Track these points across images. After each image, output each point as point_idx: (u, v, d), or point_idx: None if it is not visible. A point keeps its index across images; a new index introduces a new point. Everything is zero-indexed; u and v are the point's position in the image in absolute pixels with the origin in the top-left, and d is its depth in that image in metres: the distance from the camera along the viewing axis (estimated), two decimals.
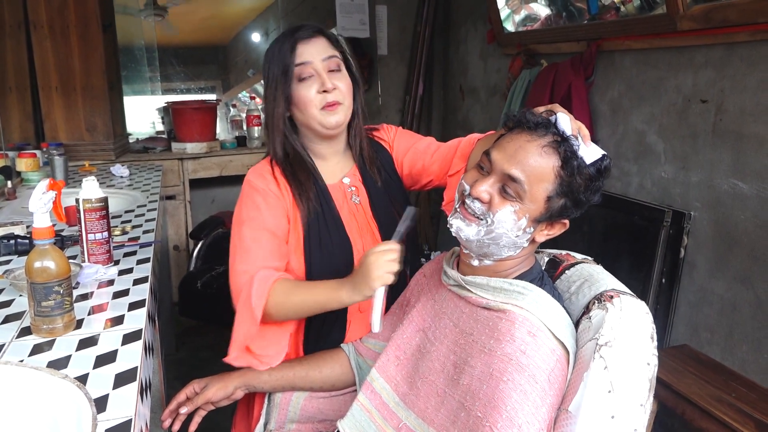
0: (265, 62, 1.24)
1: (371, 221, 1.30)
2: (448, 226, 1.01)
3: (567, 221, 0.98)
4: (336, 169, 1.32)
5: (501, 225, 0.94)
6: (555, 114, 0.95)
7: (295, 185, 1.24)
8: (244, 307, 1.14)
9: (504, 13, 2.98)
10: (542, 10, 2.79)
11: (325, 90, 1.19)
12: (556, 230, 0.99)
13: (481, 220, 0.95)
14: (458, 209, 0.99)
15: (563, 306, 0.97)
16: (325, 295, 1.11)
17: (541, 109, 0.99)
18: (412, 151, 1.34)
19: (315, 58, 1.20)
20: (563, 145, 0.93)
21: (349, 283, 1.08)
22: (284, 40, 1.21)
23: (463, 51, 3.59)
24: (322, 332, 1.30)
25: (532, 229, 0.96)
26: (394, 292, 1.24)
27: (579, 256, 1.10)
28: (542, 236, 0.99)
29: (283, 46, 1.20)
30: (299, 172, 1.25)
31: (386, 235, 1.26)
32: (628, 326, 0.89)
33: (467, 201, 0.97)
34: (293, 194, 1.23)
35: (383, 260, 1.03)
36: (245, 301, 1.13)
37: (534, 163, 0.92)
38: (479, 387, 0.91)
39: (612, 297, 0.93)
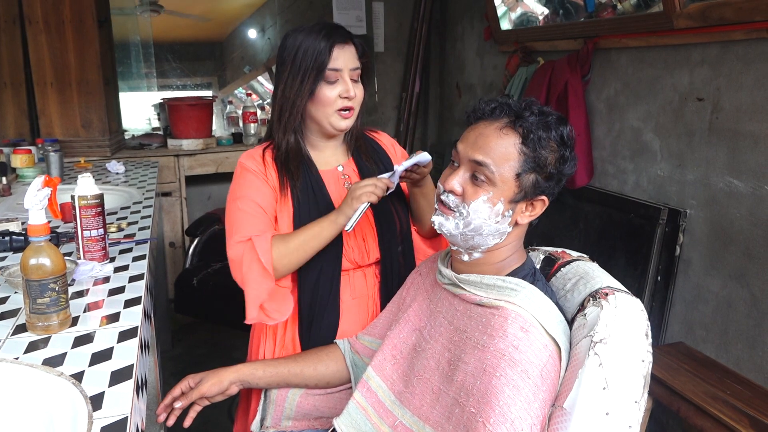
0: (291, 50, 1.28)
1: None
2: (431, 225, 1.05)
3: (546, 198, 0.99)
4: (331, 159, 1.39)
5: (477, 215, 0.96)
6: (509, 97, 1.02)
7: (285, 173, 1.32)
8: (250, 268, 1.22)
9: (500, 10, 2.98)
10: (539, 8, 2.79)
11: (347, 97, 1.28)
12: (538, 209, 1.00)
13: (455, 212, 0.98)
14: (437, 207, 1.03)
15: (557, 302, 0.98)
16: (320, 224, 1.24)
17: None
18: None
19: (345, 66, 1.28)
20: (519, 123, 0.96)
21: (338, 209, 1.23)
22: (319, 36, 1.26)
23: (460, 48, 3.59)
24: (316, 317, 1.32)
25: (510, 212, 0.97)
26: (391, 292, 1.30)
27: (575, 254, 1.10)
28: (525, 218, 1.00)
29: (318, 44, 1.25)
30: (291, 162, 1.32)
31: (380, 219, 1.35)
32: (623, 323, 0.90)
33: (442, 197, 1.01)
34: (279, 180, 1.32)
35: (364, 185, 1.20)
36: (251, 261, 1.22)
37: (495, 146, 0.96)
38: (473, 383, 0.91)
39: (607, 294, 0.93)
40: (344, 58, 1.27)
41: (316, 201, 1.32)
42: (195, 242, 2.64)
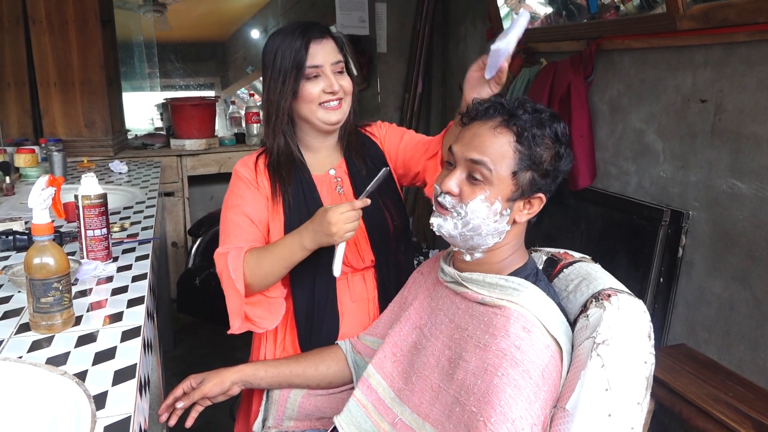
0: (270, 53, 1.27)
1: None
2: (430, 227, 1.04)
3: (543, 196, 0.99)
4: (325, 161, 1.38)
5: (475, 215, 0.97)
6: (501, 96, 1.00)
7: (276, 179, 1.31)
8: (227, 284, 1.24)
9: (503, 11, 2.98)
10: (541, 9, 2.79)
11: (332, 92, 1.26)
12: (535, 207, 1.00)
13: (453, 212, 0.99)
14: (435, 208, 1.03)
15: (559, 303, 0.98)
16: (289, 248, 1.22)
17: None
18: (403, 143, 1.40)
19: (326, 61, 1.26)
20: (512, 121, 0.96)
21: (309, 232, 1.19)
22: (295, 36, 1.25)
23: (463, 48, 3.59)
24: (315, 323, 1.32)
25: (508, 210, 0.98)
26: (390, 293, 1.31)
27: (577, 255, 1.11)
28: (523, 215, 1.00)
29: (294, 43, 1.24)
30: (283, 167, 1.31)
31: (371, 221, 1.33)
32: (626, 325, 0.90)
33: (439, 198, 1.01)
34: (270, 187, 1.31)
35: (343, 221, 1.14)
36: (227, 278, 1.24)
37: (491, 144, 0.96)
38: (474, 382, 0.91)
39: (609, 295, 0.93)
40: (324, 53, 1.25)
41: (308, 207, 1.30)
42: (197, 242, 2.65)
